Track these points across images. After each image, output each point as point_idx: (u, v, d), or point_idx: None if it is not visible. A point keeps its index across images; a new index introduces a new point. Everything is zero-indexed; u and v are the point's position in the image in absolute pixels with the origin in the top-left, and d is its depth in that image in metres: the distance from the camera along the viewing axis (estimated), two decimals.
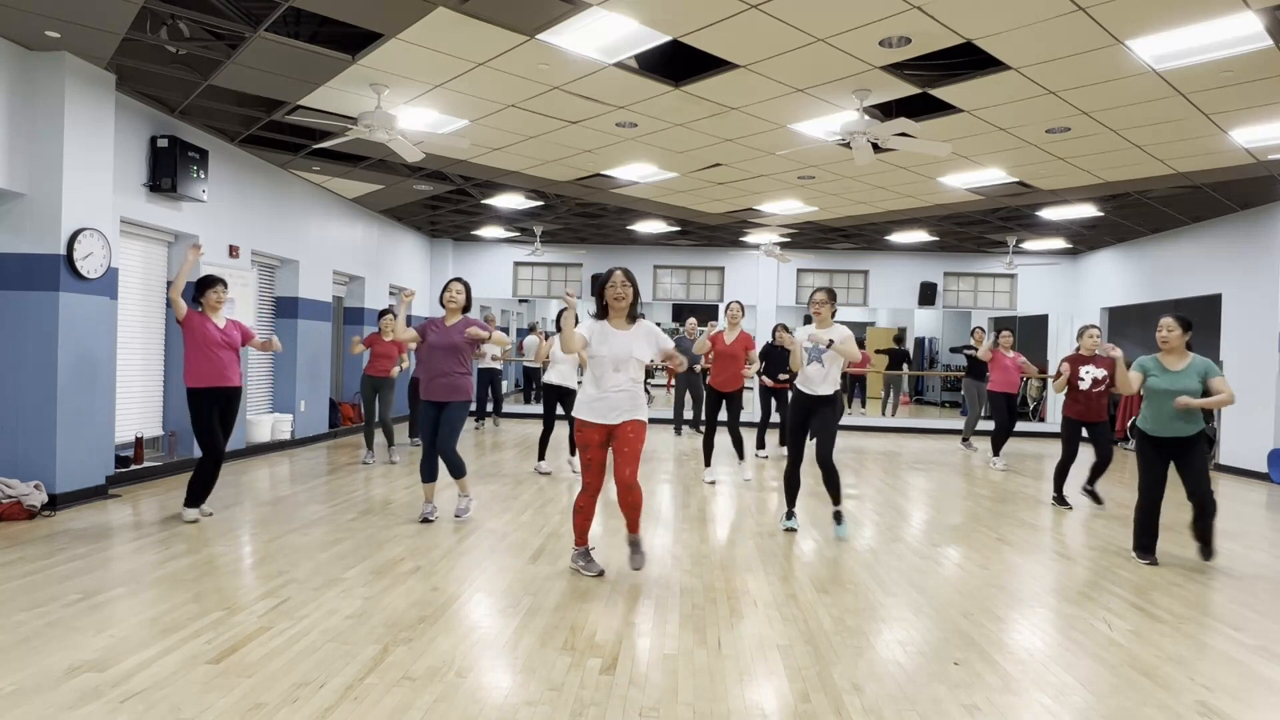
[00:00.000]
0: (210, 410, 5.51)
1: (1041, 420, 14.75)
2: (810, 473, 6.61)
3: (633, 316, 4.49)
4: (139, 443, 7.06)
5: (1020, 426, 10.17)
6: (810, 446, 5.72)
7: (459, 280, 5.74)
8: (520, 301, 15.78)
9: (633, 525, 4.52)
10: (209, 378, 5.48)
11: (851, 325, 6.34)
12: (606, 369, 4.37)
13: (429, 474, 5.75)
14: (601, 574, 4.48)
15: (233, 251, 8.23)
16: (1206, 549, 5.14)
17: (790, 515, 5.80)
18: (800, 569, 4.77)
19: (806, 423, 5.60)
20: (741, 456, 7.94)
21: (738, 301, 7.82)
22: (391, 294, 12.82)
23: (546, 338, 8.28)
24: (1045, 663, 3.41)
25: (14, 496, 5.46)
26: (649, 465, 8.79)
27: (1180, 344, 5.05)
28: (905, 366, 16.35)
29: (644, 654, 3.36)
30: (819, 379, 5.50)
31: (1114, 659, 3.48)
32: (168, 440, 7.58)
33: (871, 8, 4.66)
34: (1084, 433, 6.97)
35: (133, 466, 6.92)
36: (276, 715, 2.72)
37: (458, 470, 5.74)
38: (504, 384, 11.74)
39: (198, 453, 5.67)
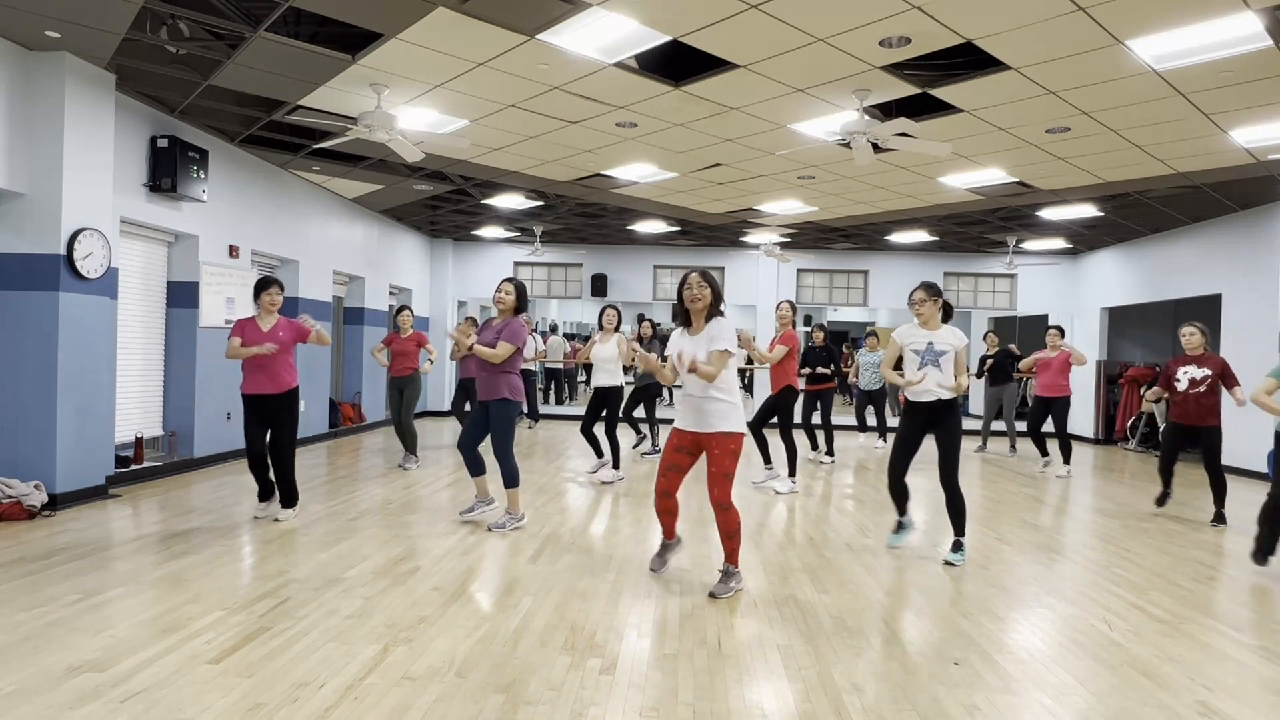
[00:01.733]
0: (248, 416, 5.52)
1: None
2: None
3: (711, 318, 4.24)
4: (139, 443, 7.06)
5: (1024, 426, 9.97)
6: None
7: (509, 280, 5.46)
8: None
9: (727, 554, 4.27)
10: (244, 385, 5.52)
11: (852, 325, 6.34)
12: (682, 376, 4.26)
13: (474, 468, 5.63)
14: (654, 571, 4.51)
15: (233, 251, 8.23)
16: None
17: (900, 528, 5.31)
18: (800, 569, 4.76)
19: (918, 439, 5.03)
20: (793, 472, 7.47)
21: (788, 301, 7.64)
22: (392, 294, 12.83)
23: (586, 341, 8.24)
24: (1045, 663, 3.41)
25: (14, 496, 5.46)
26: (651, 465, 8.79)
27: None
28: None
29: (644, 654, 3.36)
30: (940, 384, 4.85)
31: (1114, 659, 3.48)
32: (168, 440, 7.58)
33: (871, 8, 4.65)
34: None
35: (133, 466, 6.92)
36: (276, 715, 2.72)
37: (509, 479, 5.49)
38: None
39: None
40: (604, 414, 7.81)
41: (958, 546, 5.02)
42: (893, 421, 13.88)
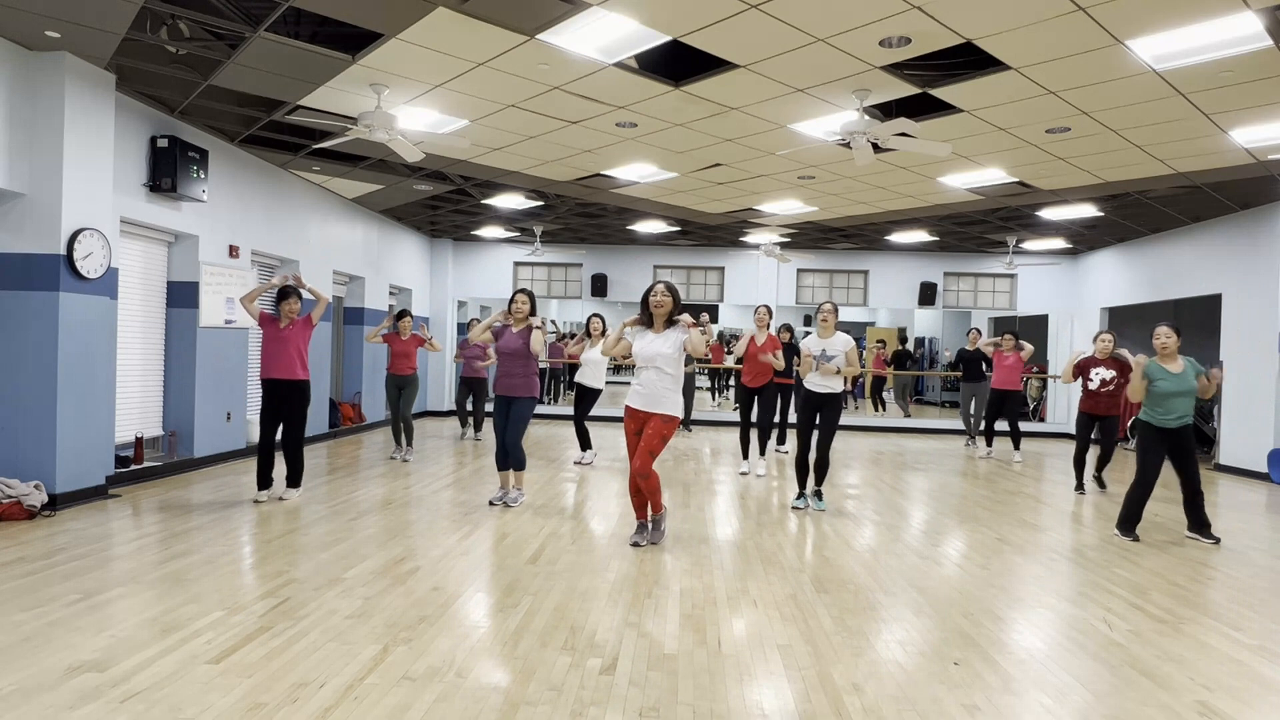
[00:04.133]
0: (266, 399, 6.26)
1: (1041, 420, 14.75)
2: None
3: (672, 322, 5.09)
4: (139, 443, 7.06)
5: (1024, 426, 10.41)
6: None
7: (523, 291, 6.30)
8: None
9: (654, 506, 5.21)
10: (262, 369, 6.29)
11: (852, 325, 6.61)
12: (640, 367, 5.11)
13: (502, 462, 6.35)
14: (637, 545, 5.13)
15: (233, 251, 8.23)
16: (1207, 528, 5.79)
17: (801, 495, 6.63)
18: (800, 569, 4.77)
19: (815, 418, 6.47)
20: (763, 453, 8.44)
21: (765, 306, 8.28)
22: (392, 294, 12.83)
23: (572, 338, 8.94)
24: (1045, 663, 3.41)
25: (14, 496, 5.46)
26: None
27: (1176, 349, 5.73)
28: (907, 366, 16.44)
29: (644, 654, 3.36)
30: (828, 380, 6.38)
31: (1114, 659, 3.48)
32: (168, 440, 7.58)
33: (871, 8, 4.65)
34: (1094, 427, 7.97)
35: (133, 466, 6.92)
36: (276, 715, 2.72)
37: (519, 463, 6.36)
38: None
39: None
40: (584, 409, 8.71)
41: (819, 495, 6.61)
42: (881, 420, 13.85)
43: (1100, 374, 7.72)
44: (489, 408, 11.49)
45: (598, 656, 3.31)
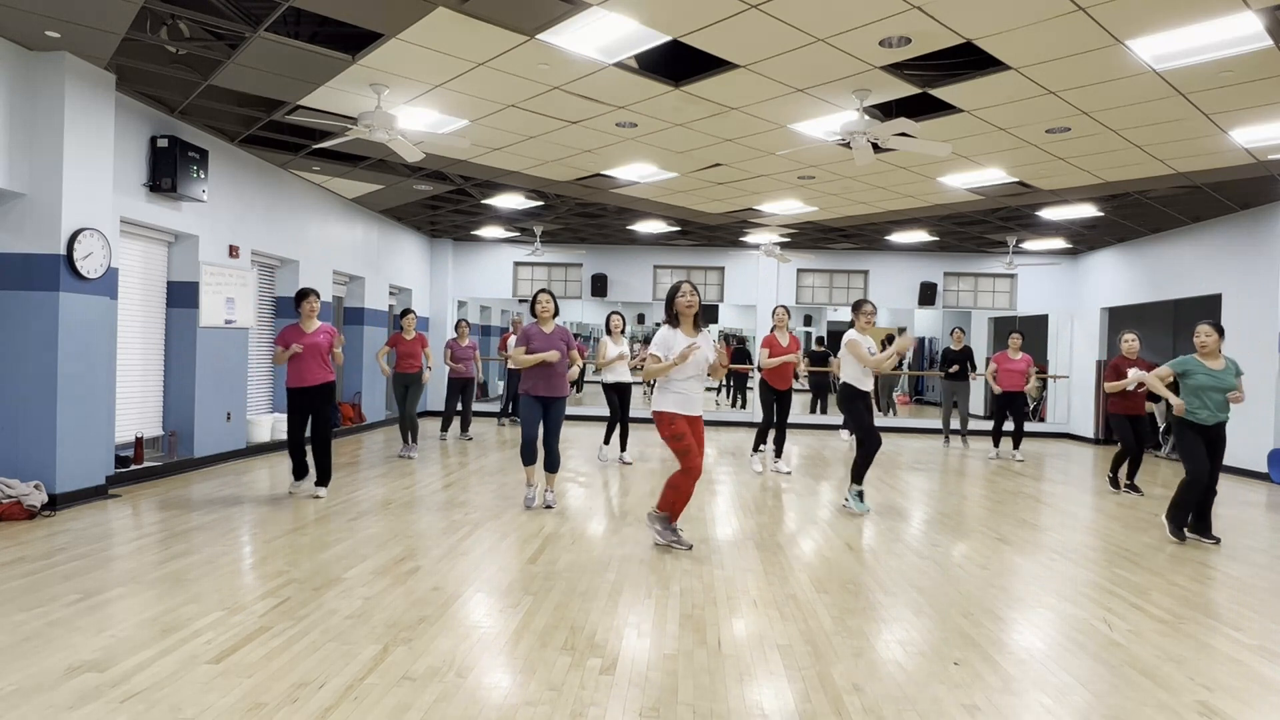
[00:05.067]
0: (293, 406, 6.45)
1: (1041, 420, 14.75)
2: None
3: (698, 324, 5.07)
4: (139, 443, 7.06)
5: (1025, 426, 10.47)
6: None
7: (545, 291, 6.30)
8: (520, 301, 15.78)
9: (679, 513, 5.18)
10: (290, 379, 6.43)
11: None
12: (689, 371, 4.96)
13: (530, 458, 6.26)
14: (690, 547, 5.08)
15: (233, 251, 8.23)
16: (1208, 529, 5.82)
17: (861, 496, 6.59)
18: (800, 569, 4.77)
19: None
20: (779, 454, 8.63)
21: (783, 306, 8.43)
22: (392, 294, 12.83)
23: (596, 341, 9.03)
24: (1045, 663, 3.42)
25: (14, 496, 5.46)
26: (643, 466, 8.80)
27: (1218, 347, 5.73)
28: (904, 366, 16.46)
29: (644, 654, 3.36)
30: (869, 378, 6.48)
31: (1114, 659, 3.48)
32: (168, 440, 7.58)
33: (871, 8, 4.65)
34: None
35: (133, 466, 6.92)
36: (276, 715, 2.72)
37: (555, 465, 6.31)
38: (474, 392, 11.04)
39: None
40: (625, 404, 8.78)
41: (862, 495, 6.54)
42: (886, 421, 13.93)
43: (1137, 374, 7.71)
44: (479, 407, 11.66)
45: (598, 656, 3.31)
